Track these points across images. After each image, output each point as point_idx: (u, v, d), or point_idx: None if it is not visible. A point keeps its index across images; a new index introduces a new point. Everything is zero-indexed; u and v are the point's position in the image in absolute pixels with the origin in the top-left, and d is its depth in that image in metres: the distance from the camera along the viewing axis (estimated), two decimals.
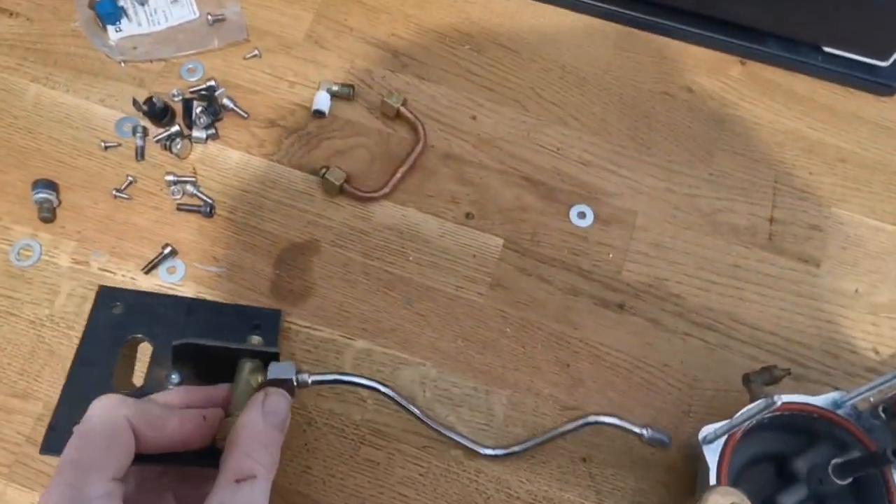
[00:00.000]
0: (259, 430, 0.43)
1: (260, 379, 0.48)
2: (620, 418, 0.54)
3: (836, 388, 0.59)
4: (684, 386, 0.60)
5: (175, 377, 0.55)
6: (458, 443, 0.55)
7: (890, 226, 0.68)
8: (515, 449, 0.56)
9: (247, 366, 0.48)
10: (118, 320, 0.59)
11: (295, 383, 0.49)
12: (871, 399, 0.51)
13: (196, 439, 0.44)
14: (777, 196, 0.69)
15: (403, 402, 0.54)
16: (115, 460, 0.40)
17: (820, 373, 0.61)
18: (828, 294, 0.65)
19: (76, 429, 0.41)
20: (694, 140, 0.70)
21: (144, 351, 0.59)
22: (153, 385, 0.57)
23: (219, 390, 0.48)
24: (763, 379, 0.56)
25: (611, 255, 0.65)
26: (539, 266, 0.64)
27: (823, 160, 0.70)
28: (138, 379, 0.58)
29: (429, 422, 0.54)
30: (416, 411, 0.54)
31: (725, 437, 0.52)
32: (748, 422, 0.50)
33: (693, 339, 0.62)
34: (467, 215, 0.67)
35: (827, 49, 0.71)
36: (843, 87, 0.73)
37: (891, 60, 0.70)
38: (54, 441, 0.55)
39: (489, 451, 0.56)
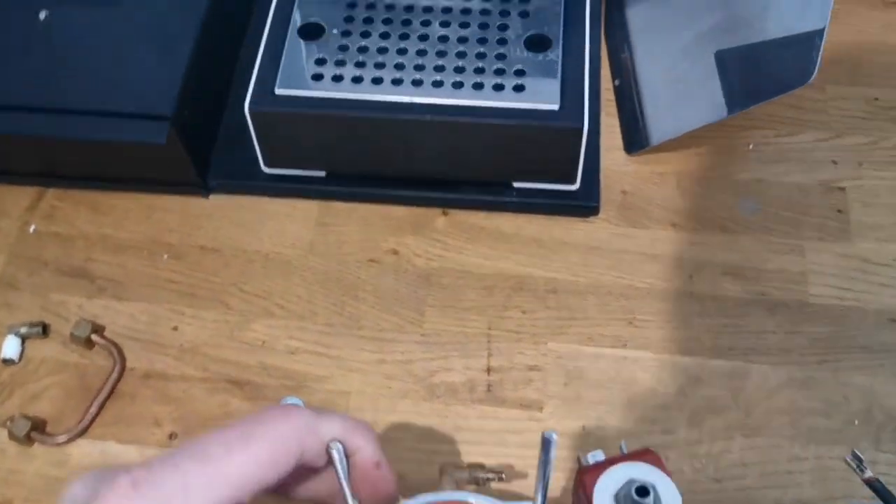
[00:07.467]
0: None
1: None
2: None
3: None
4: None
5: None
6: None
7: (608, 349, 0.65)
8: None
9: None
10: None
11: None
12: None
13: None
14: (492, 343, 0.66)
15: None
16: None
17: None
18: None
19: None
20: (402, 303, 0.68)
21: None
22: None
23: None
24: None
25: None
26: None
27: (535, 295, 0.68)
28: None
29: None
30: None
31: None
32: None
33: None
34: (170, 436, 0.63)
35: (517, 185, 0.71)
36: (548, 216, 0.72)
37: (578, 182, 0.70)
38: None
39: None
